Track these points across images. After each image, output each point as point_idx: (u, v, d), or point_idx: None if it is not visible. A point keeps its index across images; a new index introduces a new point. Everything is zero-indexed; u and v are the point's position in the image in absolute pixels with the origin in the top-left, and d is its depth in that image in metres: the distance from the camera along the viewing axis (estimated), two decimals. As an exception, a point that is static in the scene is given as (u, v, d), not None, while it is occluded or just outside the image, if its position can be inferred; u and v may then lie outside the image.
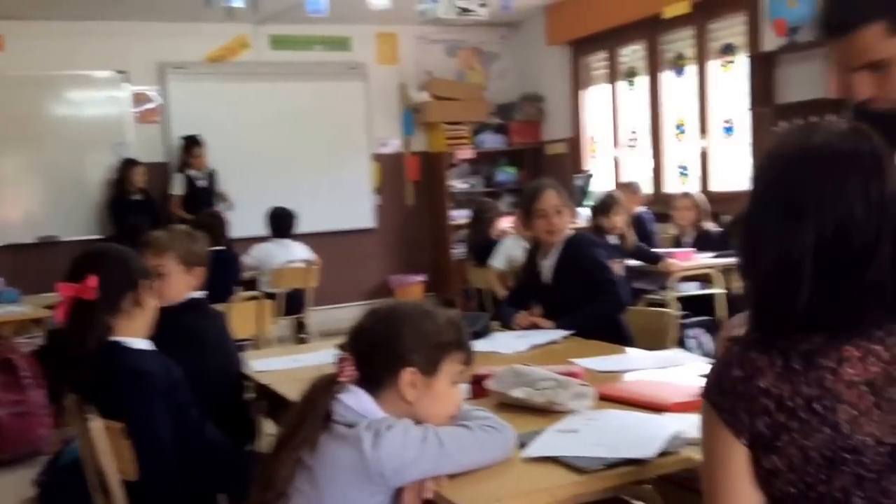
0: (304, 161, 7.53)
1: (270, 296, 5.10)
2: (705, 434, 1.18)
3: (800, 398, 1.10)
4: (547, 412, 1.89)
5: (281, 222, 5.90)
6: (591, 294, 3.06)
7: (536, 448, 1.64)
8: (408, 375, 1.56)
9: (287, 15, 6.88)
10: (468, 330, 1.68)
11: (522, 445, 1.67)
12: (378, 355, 1.58)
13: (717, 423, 1.15)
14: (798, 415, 1.10)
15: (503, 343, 2.83)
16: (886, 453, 1.08)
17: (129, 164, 6.83)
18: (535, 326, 3.05)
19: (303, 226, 6.32)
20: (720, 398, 1.15)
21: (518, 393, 1.95)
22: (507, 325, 3.14)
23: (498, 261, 5.23)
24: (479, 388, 2.10)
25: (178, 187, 6.88)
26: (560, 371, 2.08)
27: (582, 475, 1.51)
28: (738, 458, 1.13)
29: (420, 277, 8.20)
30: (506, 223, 5.71)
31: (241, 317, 4.29)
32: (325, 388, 1.56)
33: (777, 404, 1.11)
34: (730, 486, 1.14)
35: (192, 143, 6.92)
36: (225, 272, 5.06)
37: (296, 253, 5.84)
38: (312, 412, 1.53)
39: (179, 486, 1.97)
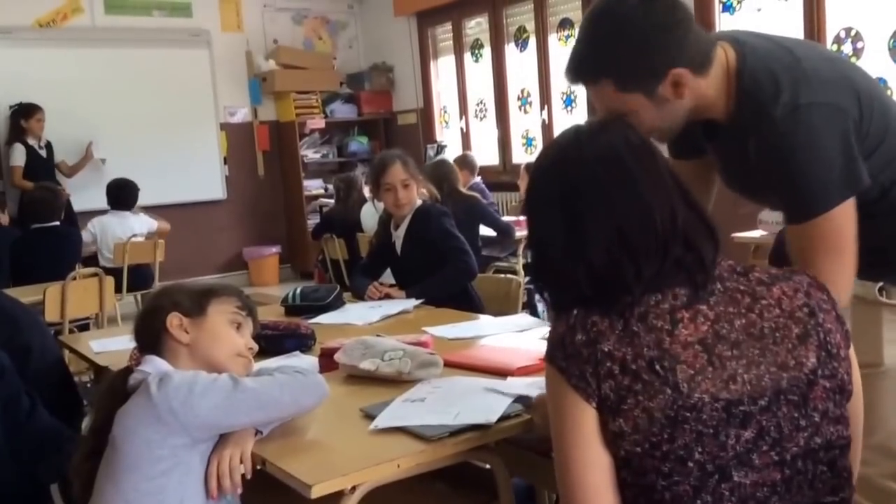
0: (147, 131, 7.22)
1: (114, 271, 4.90)
2: (554, 399, 1.19)
3: (642, 360, 1.14)
4: (395, 382, 1.93)
5: (120, 194, 5.66)
6: (442, 263, 3.13)
7: (383, 419, 1.68)
8: (174, 320, 1.64)
9: (122, -22, 6.55)
10: (239, 290, 1.79)
11: (371, 417, 1.71)
12: (146, 321, 1.68)
13: (566, 388, 1.16)
14: (641, 377, 1.13)
15: (355, 315, 2.85)
16: (721, 408, 1.13)
17: None
18: (387, 297, 3.09)
19: (150, 198, 6.09)
20: (566, 363, 1.16)
21: (367, 364, 1.98)
22: (359, 297, 3.16)
23: (368, 226, 5.27)
24: (328, 362, 2.11)
25: (18, 158, 6.39)
26: (409, 340, 2.12)
27: (427, 443, 1.57)
28: (588, 421, 1.15)
29: (275, 249, 8.08)
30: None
31: (80, 294, 4.10)
32: (119, 378, 1.63)
33: (621, 367, 1.14)
34: (582, 448, 1.16)
35: (31, 109, 6.45)
36: (62, 248, 4.82)
37: (135, 226, 5.63)
38: (112, 399, 1.59)
39: (12, 476, 1.89)
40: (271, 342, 2.35)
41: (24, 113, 6.48)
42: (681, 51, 1.48)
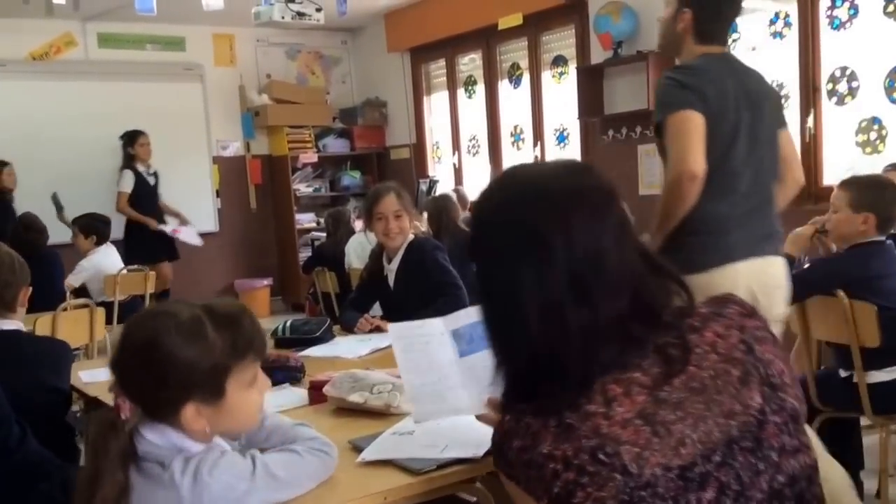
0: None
1: (104, 304, 4.90)
2: (508, 488, 1.17)
3: (584, 453, 1.08)
4: (384, 415, 1.94)
5: (106, 229, 5.65)
6: (435, 298, 3.11)
7: (371, 452, 1.69)
8: (189, 412, 1.39)
9: (116, 13, 6.63)
10: (253, 324, 1.46)
11: (359, 450, 1.72)
12: (151, 400, 1.40)
13: (516, 488, 1.14)
14: (587, 469, 1.07)
15: (345, 348, 2.86)
16: (676, 476, 1.07)
17: None
18: (378, 330, 3.10)
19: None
20: (510, 469, 1.14)
21: (355, 397, 1.99)
22: (349, 329, 3.17)
23: (354, 260, 5.29)
24: (317, 394, 2.12)
25: (126, 184, 6.67)
26: (398, 374, 2.14)
27: (415, 476, 1.58)
28: None
29: (266, 282, 8.09)
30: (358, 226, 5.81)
31: (70, 325, 4.10)
32: (110, 428, 1.40)
33: (564, 465, 1.08)
34: None
35: (134, 135, 6.73)
36: (53, 275, 4.85)
37: (119, 260, 5.64)
38: (105, 458, 1.38)
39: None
40: (261, 375, 2.36)
41: (130, 139, 6.68)
42: None
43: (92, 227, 5.50)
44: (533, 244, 1.13)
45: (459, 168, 7.62)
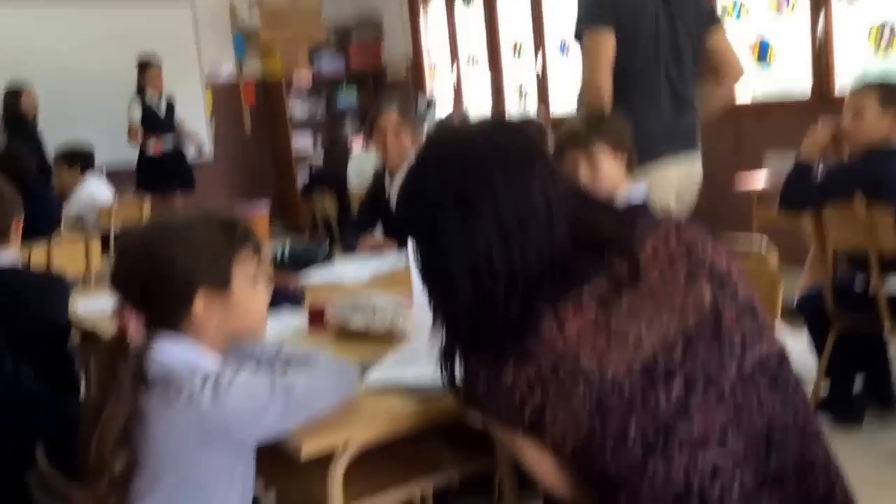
0: (130, 91, 7.06)
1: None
2: (494, 434, 1.26)
3: (545, 372, 1.13)
4: (388, 339, 1.87)
5: (92, 159, 5.52)
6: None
7: (376, 377, 1.62)
8: (200, 303, 1.37)
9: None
10: (249, 226, 1.47)
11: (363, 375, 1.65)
12: (158, 297, 1.37)
13: (495, 427, 1.22)
14: (550, 388, 1.13)
15: (346, 272, 2.78)
16: (639, 375, 1.12)
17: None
18: (380, 250, 3.01)
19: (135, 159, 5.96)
20: (483, 410, 1.22)
21: (357, 322, 1.92)
22: (351, 252, 3.08)
23: (354, 182, 5.17)
24: (318, 321, 2.05)
25: (132, 114, 6.48)
26: (401, 297, 2.06)
27: (422, 401, 1.51)
28: (526, 443, 1.20)
29: (265, 206, 7.98)
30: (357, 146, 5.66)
31: (65, 255, 4.03)
32: (117, 351, 1.36)
33: (529, 389, 1.14)
34: (532, 459, 1.22)
35: (143, 64, 6.52)
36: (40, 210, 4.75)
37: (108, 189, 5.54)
38: (113, 384, 1.33)
39: None
40: (259, 300, 2.29)
41: (139, 69, 6.52)
42: None
43: (74, 157, 5.36)
44: (459, 209, 1.18)
45: (459, 85, 7.41)
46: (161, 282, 1.37)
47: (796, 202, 2.87)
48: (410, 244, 1.29)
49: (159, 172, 6.52)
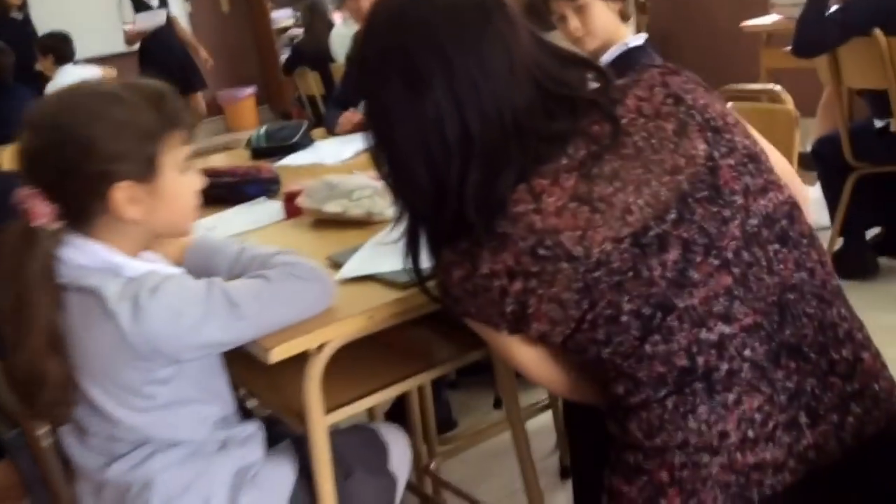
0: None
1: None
2: (477, 331, 1.13)
3: (524, 256, 1.01)
4: (367, 225, 1.71)
5: (71, 47, 5.22)
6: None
7: (351, 268, 1.47)
8: (120, 193, 1.17)
9: None
10: (179, 101, 1.27)
11: (338, 266, 1.50)
12: (71, 187, 1.17)
13: (476, 324, 1.10)
14: (531, 272, 1.01)
15: (327, 152, 2.58)
16: (629, 245, 1.00)
17: None
18: (363, 128, 2.80)
19: (108, 46, 5.67)
20: (462, 306, 1.08)
21: (332, 207, 1.75)
22: (331, 131, 2.88)
23: (340, 55, 4.88)
24: (292, 207, 1.88)
25: None
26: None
27: (402, 291, 1.36)
28: (512, 341, 1.09)
29: (249, 90, 7.69)
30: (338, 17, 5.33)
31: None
32: (22, 243, 1.17)
33: (508, 277, 1.02)
34: (513, 349, 1.11)
35: None
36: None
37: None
38: (21, 282, 1.16)
39: None
40: (231, 190, 2.12)
41: None
42: None
43: (46, 47, 5.07)
44: (403, 77, 1.05)
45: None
46: (75, 169, 1.16)
47: (815, 44, 2.64)
48: (366, 119, 1.14)
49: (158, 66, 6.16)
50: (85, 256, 1.19)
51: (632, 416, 1.01)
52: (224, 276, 1.30)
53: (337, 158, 2.48)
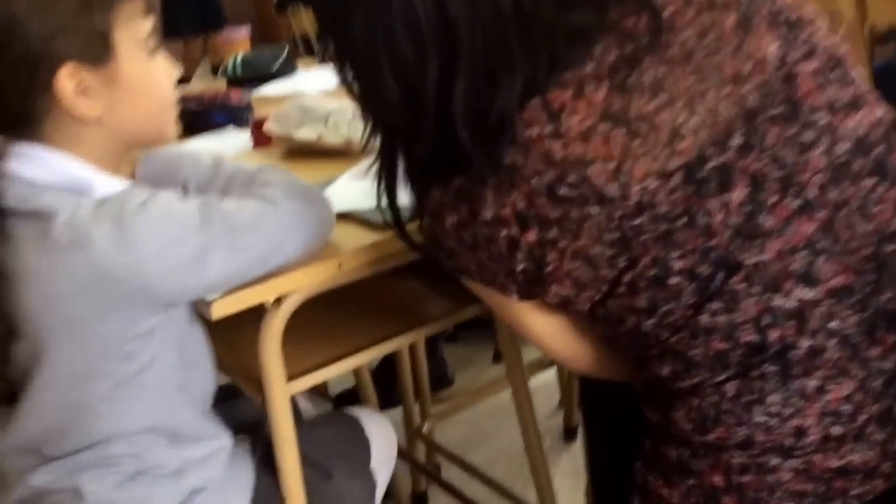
0: None
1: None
2: (475, 292, 0.89)
3: (540, 196, 0.77)
4: (344, 155, 1.45)
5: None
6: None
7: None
8: (65, 80, 0.91)
9: None
10: None
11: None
12: (4, 81, 0.91)
13: (476, 285, 0.86)
14: (549, 216, 0.77)
15: (310, 81, 2.32)
16: (681, 182, 0.75)
17: None
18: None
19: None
20: (457, 262, 0.84)
21: (306, 133, 1.49)
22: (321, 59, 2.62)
23: None
24: (260, 135, 1.63)
25: None
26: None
27: (379, 232, 1.10)
28: (523, 308, 0.86)
29: (244, 30, 7.36)
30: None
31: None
32: None
33: (519, 224, 0.78)
34: (534, 326, 0.88)
35: None
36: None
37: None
38: None
39: None
40: (197, 118, 1.87)
41: None
42: None
43: None
44: None
45: None
46: (4, 57, 0.89)
47: None
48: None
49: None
50: (41, 169, 0.91)
51: (678, 403, 0.78)
52: (200, 187, 1.04)
53: (320, 87, 2.21)
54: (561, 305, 0.83)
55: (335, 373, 1.17)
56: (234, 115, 1.89)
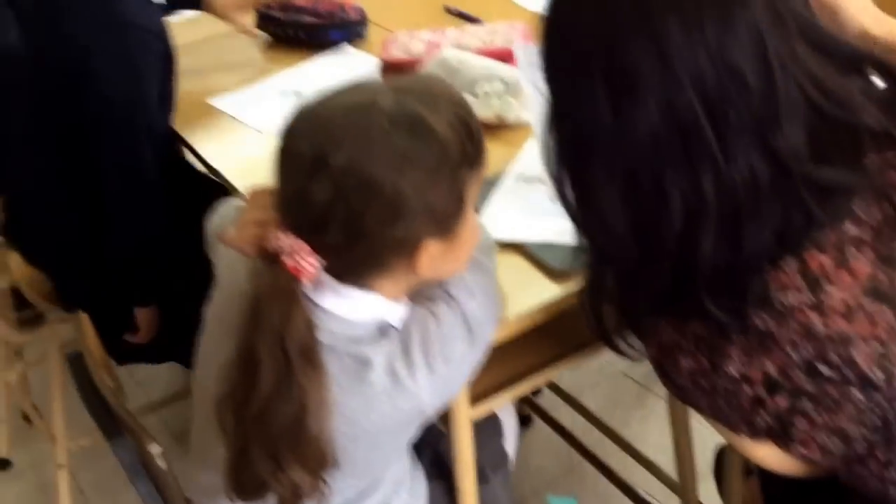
0: None
1: None
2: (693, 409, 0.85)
3: (796, 370, 0.73)
4: (495, 129, 1.38)
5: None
6: None
7: (500, 227, 1.16)
8: (426, 255, 0.90)
9: None
10: (471, 110, 0.94)
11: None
12: (363, 246, 0.88)
13: (702, 411, 0.82)
14: (804, 390, 0.73)
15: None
16: None
17: None
18: None
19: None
20: (685, 395, 0.81)
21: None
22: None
23: None
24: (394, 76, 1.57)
25: None
26: (494, 50, 1.54)
27: (557, 282, 1.08)
28: (753, 443, 0.81)
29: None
30: None
31: None
32: (286, 301, 0.87)
33: (768, 388, 0.74)
34: (765, 459, 0.83)
35: None
36: None
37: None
38: (274, 342, 0.86)
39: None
40: (312, 34, 1.79)
41: None
42: None
43: None
44: (609, 77, 0.72)
45: None
46: (376, 234, 0.87)
47: None
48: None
49: None
50: (349, 307, 0.92)
51: None
52: None
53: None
54: (801, 458, 0.80)
55: (518, 393, 1.19)
56: (349, 32, 1.79)
